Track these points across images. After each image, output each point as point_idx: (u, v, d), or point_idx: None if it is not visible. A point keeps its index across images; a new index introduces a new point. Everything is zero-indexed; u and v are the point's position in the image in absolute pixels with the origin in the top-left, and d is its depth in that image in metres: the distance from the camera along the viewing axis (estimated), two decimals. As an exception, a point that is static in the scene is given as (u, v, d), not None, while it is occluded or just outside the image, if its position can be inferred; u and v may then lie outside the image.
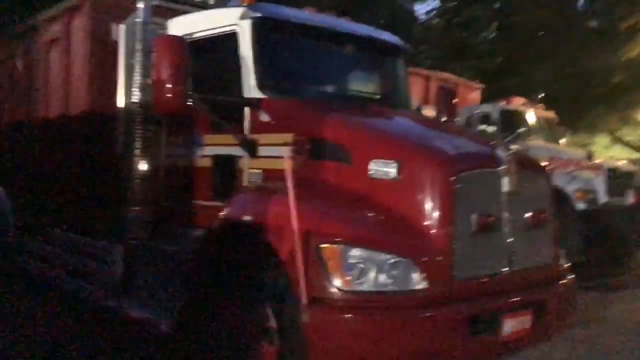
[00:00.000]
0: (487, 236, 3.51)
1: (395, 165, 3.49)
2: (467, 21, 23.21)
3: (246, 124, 4.32)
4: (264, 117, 4.24)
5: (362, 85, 5.15)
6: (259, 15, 4.32)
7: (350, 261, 3.19)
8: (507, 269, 3.61)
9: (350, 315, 3.16)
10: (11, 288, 6.67)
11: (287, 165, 3.34)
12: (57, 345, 4.96)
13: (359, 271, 3.18)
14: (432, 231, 3.35)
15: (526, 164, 3.91)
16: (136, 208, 4.81)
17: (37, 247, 6.46)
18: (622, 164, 10.81)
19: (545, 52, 19.53)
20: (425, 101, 10.93)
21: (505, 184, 3.59)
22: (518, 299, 3.62)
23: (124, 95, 5.05)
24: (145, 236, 4.77)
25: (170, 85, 3.96)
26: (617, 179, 9.38)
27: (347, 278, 3.18)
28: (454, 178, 3.41)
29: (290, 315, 3.38)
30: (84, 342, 5.04)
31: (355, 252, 3.20)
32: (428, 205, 3.39)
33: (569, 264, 4.26)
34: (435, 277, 3.25)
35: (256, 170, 4.22)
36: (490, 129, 10.54)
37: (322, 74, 4.89)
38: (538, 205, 3.87)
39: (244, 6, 4.37)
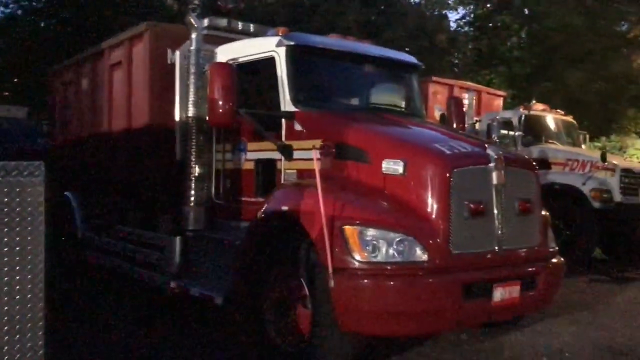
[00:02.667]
0: (479, 220, 4.32)
1: (402, 163, 4.33)
2: (497, 28, 23.77)
3: (283, 132, 5.22)
4: (297, 127, 5.13)
5: (380, 98, 6.00)
6: (292, 43, 5.23)
7: (366, 239, 4.04)
8: (497, 247, 4.40)
9: (367, 281, 4.00)
10: (80, 278, 7.74)
11: (315, 164, 4.22)
12: (125, 325, 5.94)
13: (373, 247, 4.03)
14: (432, 215, 4.18)
15: (515, 162, 4.69)
16: (192, 205, 5.77)
17: (103, 242, 7.50)
18: (636, 164, 11.32)
19: (575, 57, 19.86)
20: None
21: (494, 178, 4.38)
22: (507, 272, 4.41)
23: (179, 110, 6.02)
24: (201, 228, 5.71)
25: (221, 104, 4.93)
26: (630, 179, 9.96)
27: (364, 252, 4.02)
28: (449, 173, 4.23)
29: (320, 284, 4.25)
30: (148, 320, 6.02)
31: (371, 232, 4.05)
32: (429, 195, 4.22)
33: (556, 249, 5.00)
34: (434, 251, 4.08)
35: (291, 171, 5.12)
36: (514, 134, 11.15)
37: (346, 90, 5.82)
38: (525, 196, 4.63)
39: (280, 35, 5.29)
